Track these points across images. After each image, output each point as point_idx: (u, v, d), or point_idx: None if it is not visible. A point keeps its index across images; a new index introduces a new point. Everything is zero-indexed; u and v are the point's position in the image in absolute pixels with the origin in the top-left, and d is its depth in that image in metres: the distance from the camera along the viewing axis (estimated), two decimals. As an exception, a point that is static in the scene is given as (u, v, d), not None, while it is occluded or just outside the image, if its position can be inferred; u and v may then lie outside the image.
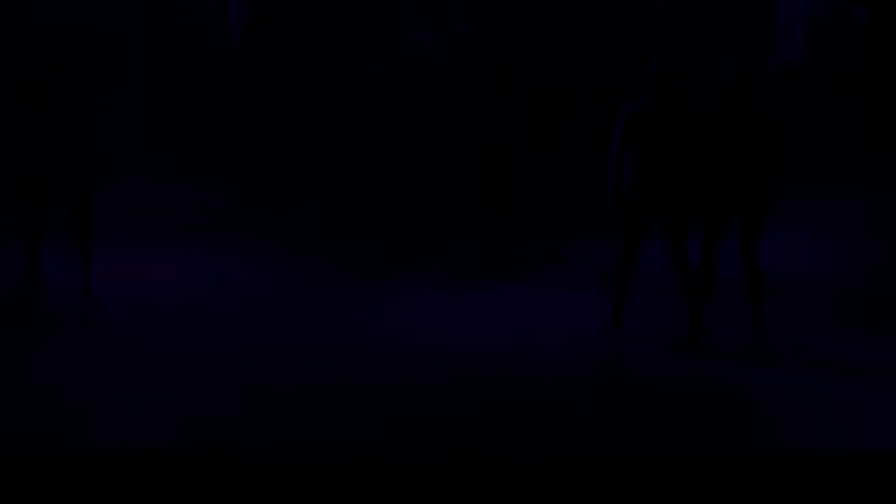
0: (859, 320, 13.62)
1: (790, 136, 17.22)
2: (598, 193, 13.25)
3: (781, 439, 11.26)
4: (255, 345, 13.18)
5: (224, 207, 16.99)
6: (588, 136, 14.34)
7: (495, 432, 11.00)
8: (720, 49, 13.07)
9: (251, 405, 11.89)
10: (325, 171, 17.65)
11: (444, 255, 15.40)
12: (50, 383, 12.24)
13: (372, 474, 9.89)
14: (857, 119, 17.45)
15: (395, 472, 9.90)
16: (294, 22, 16.53)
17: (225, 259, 15.40)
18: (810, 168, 17.54)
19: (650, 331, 13.17)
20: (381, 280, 14.79)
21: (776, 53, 17.24)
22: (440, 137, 14.89)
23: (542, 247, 15.28)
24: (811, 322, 13.52)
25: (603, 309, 13.21)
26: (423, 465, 9.91)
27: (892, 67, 17.13)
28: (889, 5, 17.05)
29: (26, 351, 12.93)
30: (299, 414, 11.70)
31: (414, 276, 14.92)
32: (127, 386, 12.26)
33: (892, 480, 9.80)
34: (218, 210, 16.93)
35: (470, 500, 9.84)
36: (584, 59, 15.36)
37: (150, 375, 12.43)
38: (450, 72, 14.80)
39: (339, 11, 17.31)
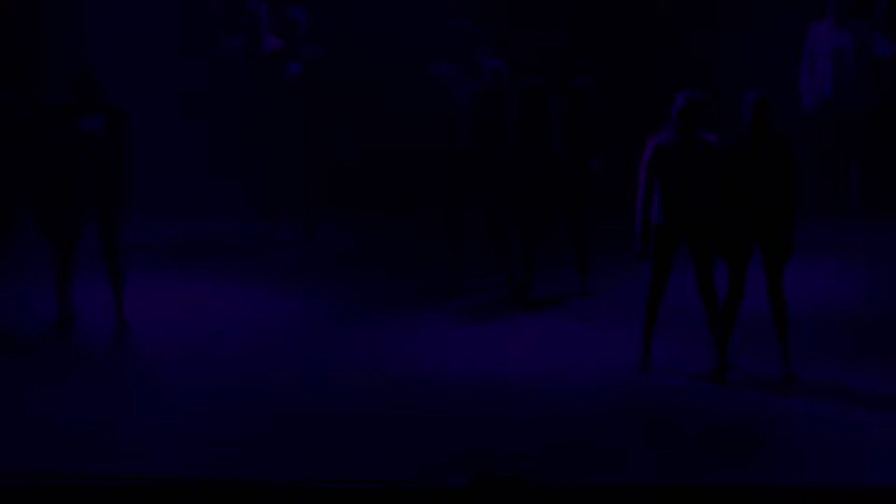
0: (886, 352, 13.50)
1: (821, 168, 17.40)
2: (628, 225, 13.20)
3: (810, 472, 11.23)
4: (281, 374, 13.26)
5: (252, 237, 17.00)
6: (618, 167, 14.39)
7: (524, 460, 10.96)
8: (742, 82, 13.14)
9: (278, 431, 11.95)
10: (355, 200, 17.71)
11: (473, 286, 15.39)
12: (82, 413, 12.31)
13: (397, 499, 9.97)
14: (888, 153, 17.49)
15: (420, 497, 9.96)
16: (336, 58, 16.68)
17: (253, 288, 15.43)
18: (839, 202, 17.48)
19: (679, 361, 13.17)
20: (410, 310, 14.81)
21: (804, 86, 17.28)
22: (471, 166, 14.92)
23: (572, 278, 15.19)
24: (844, 354, 13.42)
25: (632, 338, 13.16)
26: (445, 490, 9.94)
27: None
28: None
29: (60, 380, 12.98)
30: (327, 440, 11.75)
31: (443, 306, 14.94)
32: (155, 414, 12.37)
33: None
34: (245, 239, 16.97)
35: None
36: (613, 89, 15.42)
37: (178, 404, 12.54)
38: (480, 102, 14.85)
39: (379, 45, 17.51)
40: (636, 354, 13.15)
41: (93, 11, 17.42)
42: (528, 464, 10.93)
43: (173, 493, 10.06)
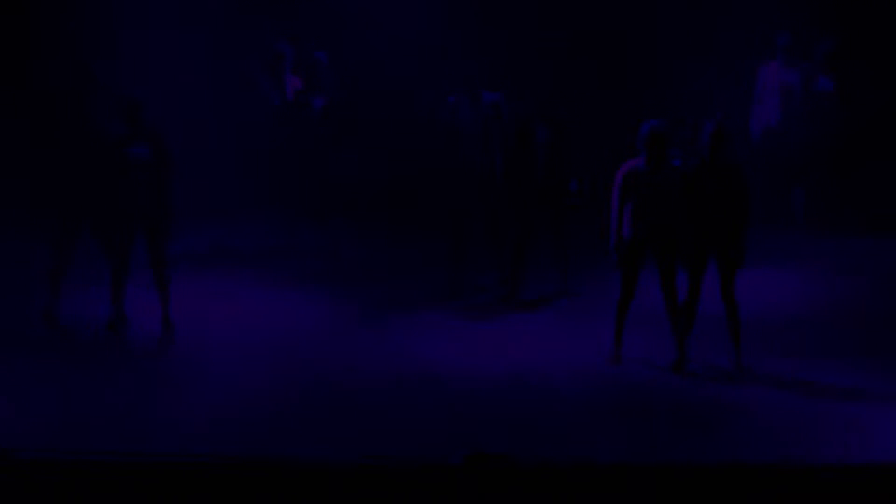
0: (832, 349, 13.47)
1: (768, 189, 17.33)
2: (603, 237, 13.22)
3: (758, 448, 11.34)
4: (308, 364, 13.27)
5: (280, 248, 16.85)
6: (596, 185, 14.42)
7: (511, 440, 11.04)
8: (703, 112, 13.17)
9: (305, 414, 12.07)
10: (368, 215, 17.63)
11: (471, 288, 15.34)
12: (130, 400, 12.40)
13: (399, 474, 9.68)
14: (828, 175, 17.51)
15: (420, 472, 9.69)
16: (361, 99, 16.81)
17: (283, 291, 15.37)
18: (784, 218, 17.37)
19: (645, 354, 13.19)
20: (417, 307, 14.82)
21: (754, 120, 17.32)
22: (473, 182, 14.93)
23: (559, 283, 15.22)
24: (789, 350, 13.40)
25: (606, 334, 13.21)
26: (441, 466, 9.64)
27: (855, 128, 17.22)
28: (850, 75, 17.13)
29: (112, 369, 13.11)
30: (346, 420, 11.86)
31: (446, 305, 14.92)
32: (197, 400, 12.42)
33: (852, 488, 9.80)
34: (274, 250, 16.80)
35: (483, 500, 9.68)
36: (590, 119, 15.44)
37: (217, 392, 12.56)
38: (482, 128, 14.88)
39: (391, 79, 17.47)
40: (609, 348, 13.18)
41: (135, 43, 17.38)
42: (519, 440, 11.09)
43: (208, 469, 9.84)
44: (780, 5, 17.29)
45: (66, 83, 14.25)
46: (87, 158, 13.77)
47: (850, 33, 17.41)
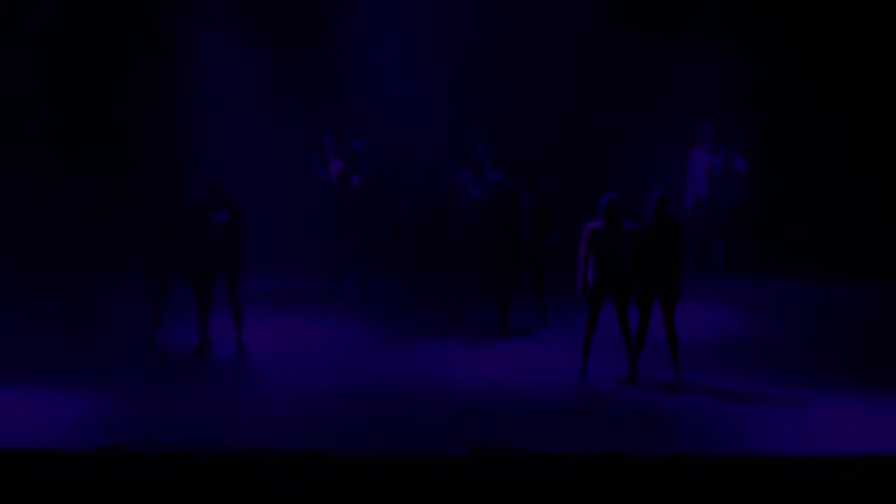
0: (746, 366, 13.43)
1: (698, 243, 17.24)
2: (573, 281, 13.12)
3: (692, 443, 11.31)
4: (348, 377, 13.20)
5: (326, 290, 16.52)
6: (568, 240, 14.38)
7: (503, 436, 10.86)
8: (649, 187, 13.18)
9: (346, 414, 11.99)
10: (394, 266, 17.28)
11: (475, 320, 15.06)
12: (213, 404, 12.44)
13: (411, 465, 9.62)
14: (742, 232, 17.55)
15: (430, 464, 9.67)
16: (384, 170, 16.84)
17: (328, 322, 15.26)
18: (710, 265, 17.23)
19: (605, 371, 13.09)
20: (429, 337, 14.66)
21: (687, 192, 17.28)
22: (477, 240, 14.88)
23: (540, 316, 15.03)
24: (715, 366, 13.34)
25: (575, 356, 13.16)
26: (449, 458, 9.64)
27: (762, 199, 17.29)
28: (757, 159, 17.19)
29: (196, 384, 13.09)
30: (377, 420, 11.83)
31: (452, 334, 14.75)
32: (264, 406, 12.42)
33: (767, 476, 9.76)
34: (324, 290, 16.52)
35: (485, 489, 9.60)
36: (564, 190, 15.43)
37: (280, 399, 12.54)
38: (485, 202, 14.89)
39: (413, 161, 17.27)
40: (579, 366, 13.11)
41: (222, 131, 17.14)
42: (510, 438, 10.83)
43: (269, 461, 9.83)
44: (706, 102, 17.27)
45: (167, 170, 14.17)
46: (181, 223, 13.73)
47: (759, 126, 17.38)
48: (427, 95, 17.34)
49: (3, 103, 16.54)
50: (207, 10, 17.45)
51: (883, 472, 9.71)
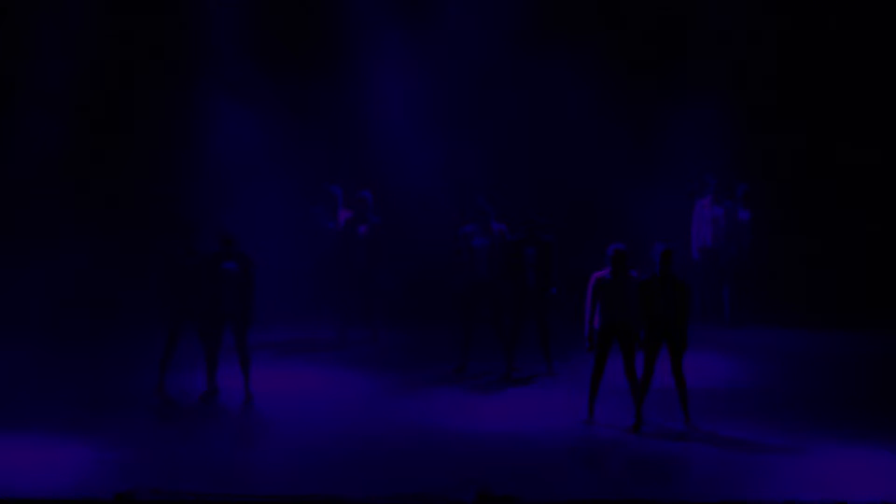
0: (751, 412, 13.41)
1: (704, 292, 17.33)
2: (578, 329, 13.15)
3: (700, 490, 11.23)
4: (356, 422, 13.21)
5: (336, 335, 16.46)
6: (572, 291, 14.42)
7: (509, 481, 10.84)
8: (658, 242, 13.21)
9: (353, 458, 11.97)
10: (401, 315, 17.29)
11: (477, 369, 15.03)
12: (221, 448, 12.44)
13: None
14: (751, 284, 17.58)
15: None
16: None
17: (337, 370, 15.24)
18: (716, 314, 17.24)
19: (611, 418, 13.02)
20: (437, 384, 14.60)
21: (693, 242, 17.24)
22: (483, 290, 14.92)
23: (544, 364, 14.93)
24: (721, 413, 13.29)
25: (581, 403, 13.11)
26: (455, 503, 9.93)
27: (765, 249, 17.35)
28: (760, 209, 17.27)
29: (205, 430, 13.01)
30: (382, 462, 11.84)
31: (459, 381, 14.69)
32: (273, 450, 12.46)
33: None
34: (331, 337, 16.50)
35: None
36: (566, 242, 15.47)
37: (288, 443, 12.55)
38: (489, 250, 14.88)
39: (419, 213, 17.38)
40: (584, 413, 13.04)
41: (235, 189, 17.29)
42: (516, 483, 10.83)
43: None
44: (709, 156, 17.36)
45: (180, 224, 14.19)
46: (192, 272, 13.78)
47: (760, 179, 17.45)
48: (433, 152, 17.48)
49: (26, 162, 16.52)
50: (221, 72, 17.49)
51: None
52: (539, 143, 17.82)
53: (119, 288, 16.47)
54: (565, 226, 16.05)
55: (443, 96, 17.81)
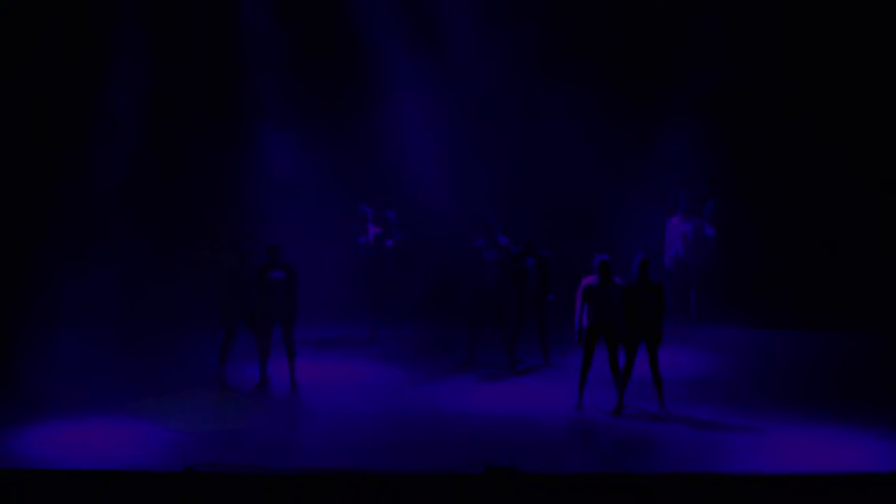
0: (716, 398, 13.30)
1: (675, 295, 17.18)
2: (570, 326, 13.16)
3: (675, 464, 11.25)
4: (378, 404, 13.18)
5: (367, 334, 16.29)
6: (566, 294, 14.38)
7: (512, 456, 10.73)
8: (635, 248, 13.20)
9: (376, 437, 11.96)
10: (421, 315, 16.93)
11: (484, 361, 14.93)
12: (271, 427, 12.48)
13: (433, 482, 9.78)
14: (714, 289, 17.55)
15: (452, 480, 9.81)
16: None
17: (365, 362, 15.15)
18: (685, 313, 16.94)
19: (598, 403, 13.04)
20: (449, 375, 14.47)
21: (666, 252, 17.05)
22: (491, 293, 14.92)
23: (541, 357, 14.84)
24: (692, 398, 13.22)
25: (572, 391, 13.12)
26: (468, 475, 9.85)
27: (727, 258, 17.33)
28: (725, 225, 17.26)
29: (257, 412, 12.99)
30: (402, 442, 11.83)
31: (468, 372, 14.57)
32: (313, 428, 12.51)
33: (734, 492, 9.76)
34: (362, 335, 16.33)
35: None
36: (562, 254, 15.44)
37: (325, 422, 12.61)
38: (497, 260, 14.90)
39: (437, 227, 17.15)
40: (575, 399, 13.05)
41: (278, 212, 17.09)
42: (519, 458, 10.76)
43: (318, 479, 9.90)
44: (683, 172, 17.30)
45: (235, 240, 14.22)
46: (244, 281, 13.80)
47: (726, 195, 17.36)
48: (449, 173, 17.43)
49: (98, 183, 16.49)
50: (266, 108, 17.49)
51: (833, 487, 9.75)
52: (539, 163, 17.64)
53: (185, 294, 16.46)
54: (560, 237, 15.92)
55: (457, 122, 17.57)
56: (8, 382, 13.22)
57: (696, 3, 17.10)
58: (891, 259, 16.69)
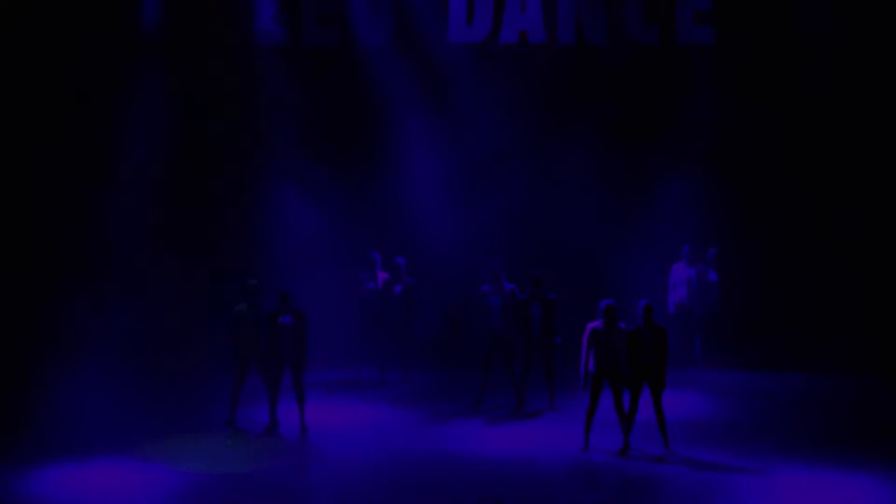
0: (718, 440, 13.36)
1: (679, 340, 17.18)
2: (576, 371, 13.22)
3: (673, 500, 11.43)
4: (391, 446, 13.27)
5: (377, 377, 16.29)
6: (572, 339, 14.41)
7: (518, 498, 10.98)
8: (639, 298, 13.28)
9: (391, 479, 12.05)
10: (430, 359, 16.89)
11: (492, 403, 14.93)
12: (281, 469, 12.45)
13: None
14: (719, 332, 17.61)
15: None
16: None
17: (375, 405, 15.15)
18: (689, 358, 16.87)
19: (603, 444, 13.05)
20: (458, 417, 14.49)
21: (670, 298, 17.09)
22: (498, 338, 14.98)
23: (548, 401, 14.83)
24: (695, 440, 13.29)
25: (578, 433, 13.11)
26: None
27: (729, 305, 17.43)
28: (727, 274, 17.35)
29: (267, 455, 12.98)
30: (412, 484, 11.87)
31: (477, 414, 14.60)
32: (322, 471, 12.55)
33: None
34: (373, 378, 16.30)
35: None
36: (567, 300, 15.50)
37: (335, 465, 12.63)
38: (503, 306, 15.00)
39: (445, 273, 17.22)
40: (581, 440, 13.05)
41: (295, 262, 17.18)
42: (524, 499, 11.00)
43: None
44: (688, 225, 17.40)
45: (247, 287, 14.26)
46: (254, 326, 13.84)
47: (726, 245, 17.46)
48: (455, 221, 17.54)
49: (121, 230, 16.59)
50: (281, 163, 17.62)
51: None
52: (544, 212, 17.76)
53: (198, 339, 16.52)
54: (565, 283, 15.94)
55: (461, 173, 17.66)
56: (24, 423, 13.32)
57: (696, 67, 17.25)
58: (887, 302, 16.75)
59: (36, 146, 15.65)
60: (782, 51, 17.00)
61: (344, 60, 17.62)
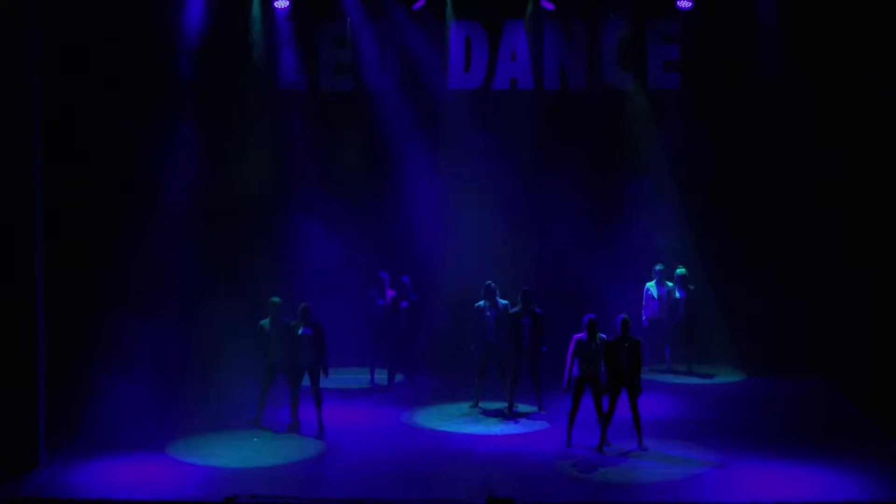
0: (689, 437, 13.34)
1: (650, 349, 17.12)
2: (560, 376, 13.16)
3: (642, 494, 11.40)
4: (395, 442, 13.23)
5: (386, 383, 15.91)
6: (558, 348, 14.33)
7: (509, 489, 10.89)
8: (619, 313, 13.26)
9: (394, 469, 12.11)
10: (432, 366, 16.59)
11: (490, 405, 14.77)
12: (303, 463, 12.51)
13: None
14: (686, 342, 17.49)
15: None
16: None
17: (383, 407, 14.97)
18: (660, 365, 16.66)
19: (584, 441, 13.02)
20: (457, 417, 14.37)
21: (644, 313, 16.84)
22: (493, 349, 14.94)
23: (536, 403, 14.56)
24: (666, 436, 13.24)
25: (562, 431, 13.13)
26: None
27: (695, 317, 17.41)
28: (692, 290, 17.25)
29: (290, 450, 13.01)
30: (413, 476, 11.92)
31: (471, 415, 14.47)
32: (338, 463, 12.52)
33: None
34: (382, 384, 15.96)
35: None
36: (553, 313, 15.43)
37: (346, 458, 12.64)
38: (497, 319, 15.10)
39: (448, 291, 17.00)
40: (564, 438, 13.07)
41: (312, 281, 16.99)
42: (514, 490, 10.91)
43: None
44: (659, 248, 17.40)
45: (270, 304, 14.28)
46: (277, 338, 13.81)
47: (692, 266, 17.43)
48: (456, 247, 17.43)
49: (173, 263, 16.48)
50: (299, 197, 17.51)
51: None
52: (533, 236, 17.58)
53: (230, 350, 16.43)
54: (552, 299, 15.70)
55: (460, 202, 17.50)
56: (75, 423, 13.40)
57: (665, 108, 17.30)
58: (848, 310, 16.65)
59: (92, 184, 15.63)
60: (742, 92, 17.05)
61: (356, 104, 17.61)
